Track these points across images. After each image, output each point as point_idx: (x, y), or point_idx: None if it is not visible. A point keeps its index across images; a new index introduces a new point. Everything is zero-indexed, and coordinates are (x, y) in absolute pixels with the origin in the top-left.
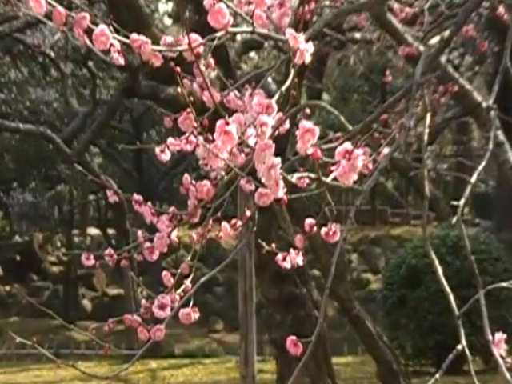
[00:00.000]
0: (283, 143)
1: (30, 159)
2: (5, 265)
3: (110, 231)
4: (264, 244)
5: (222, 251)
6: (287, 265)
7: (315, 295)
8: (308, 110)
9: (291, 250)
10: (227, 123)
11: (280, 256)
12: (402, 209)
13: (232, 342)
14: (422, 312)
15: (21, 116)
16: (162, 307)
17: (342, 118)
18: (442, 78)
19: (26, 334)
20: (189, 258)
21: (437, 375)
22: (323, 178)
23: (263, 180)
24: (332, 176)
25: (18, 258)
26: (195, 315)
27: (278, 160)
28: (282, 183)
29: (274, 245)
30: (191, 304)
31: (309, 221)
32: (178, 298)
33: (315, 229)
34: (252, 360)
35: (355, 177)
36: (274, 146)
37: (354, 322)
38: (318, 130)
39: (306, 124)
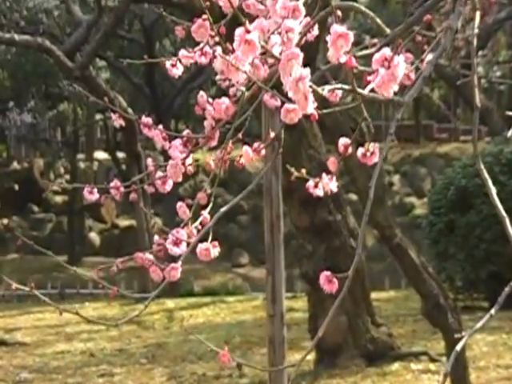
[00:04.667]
0: (312, 51)
1: (28, 75)
2: (2, 195)
3: (120, 155)
4: (293, 169)
5: (247, 175)
6: (319, 192)
7: (351, 222)
8: (340, 13)
9: (324, 175)
10: (248, 31)
11: (311, 182)
12: (449, 123)
13: (258, 277)
14: (473, 239)
15: (17, 26)
16: (177, 243)
17: (380, 21)
18: None
19: (26, 273)
20: (207, 185)
21: (492, 311)
22: (359, 90)
23: (290, 94)
24: (369, 87)
25: (17, 187)
26: (215, 250)
27: (306, 71)
28: (311, 97)
29: (304, 170)
30: (210, 238)
31: (343, 140)
32: (195, 231)
33: (350, 149)
34: (280, 297)
35: (395, 87)
36: (301, 55)
37: (396, 252)
38: (352, 36)
39: (338, 29)
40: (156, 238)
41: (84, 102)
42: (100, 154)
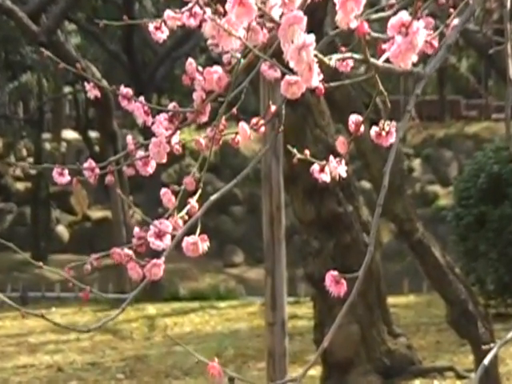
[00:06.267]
0: (319, 14)
1: None
2: None
3: (93, 134)
4: (295, 151)
5: (241, 159)
6: (326, 177)
7: (364, 215)
8: None
9: (331, 157)
10: None
11: (317, 166)
12: (479, 99)
13: (255, 278)
14: (508, 235)
15: None
16: (160, 236)
17: None
18: None
19: None
20: (196, 169)
21: None
22: (372, 60)
23: (291, 64)
24: (384, 57)
25: None
26: (204, 245)
27: (310, 37)
28: (316, 68)
29: (308, 151)
30: (199, 230)
31: (354, 117)
32: (180, 222)
33: (363, 127)
34: (281, 302)
35: (414, 58)
36: (305, 18)
37: (417, 249)
38: None
39: None
40: (136, 229)
41: (50, 72)
42: (69, 134)
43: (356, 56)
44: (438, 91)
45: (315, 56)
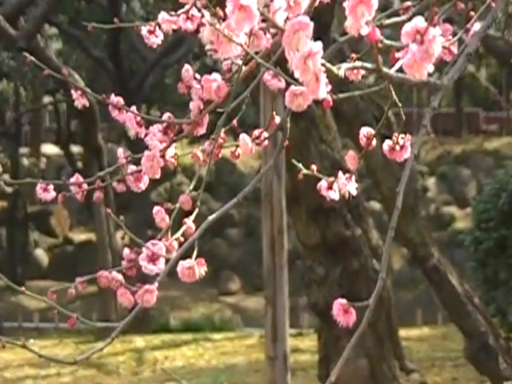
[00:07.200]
0: (326, 18)
1: None
2: None
3: (75, 149)
4: (300, 165)
5: (238, 177)
6: (334, 195)
7: (374, 238)
8: None
9: (340, 174)
10: None
11: (324, 182)
12: (500, 111)
13: (253, 308)
14: None
15: None
16: (153, 259)
17: None
18: None
19: None
20: (191, 188)
21: None
22: (385, 70)
23: (297, 74)
24: (397, 65)
25: None
26: (202, 270)
27: (318, 45)
28: (324, 78)
29: (314, 166)
30: (195, 254)
31: (365, 130)
32: (175, 245)
33: (374, 142)
34: (283, 334)
35: (431, 67)
36: (311, 24)
37: (432, 276)
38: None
39: None
40: (126, 251)
41: (29, 80)
42: (49, 148)
43: (367, 65)
44: (454, 103)
45: (322, 65)
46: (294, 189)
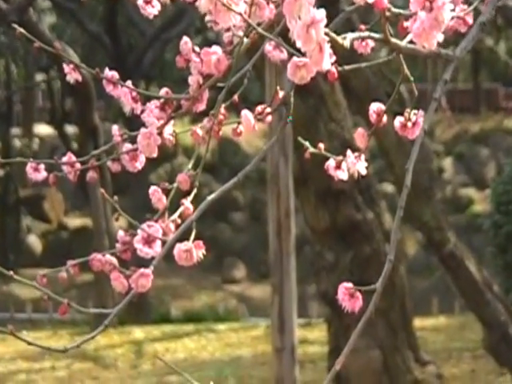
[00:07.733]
0: None
1: None
2: None
3: (70, 129)
4: (307, 143)
5: (242, 157)
6: (343, 175)
7: (387, 222)
8: None
9: (349, 153)
10: None
11: (332, 161)
12: None
13: (259, 297)
14: None
15: None
16: (149, 242)
17: None
18: None
19: None
20: (190, 167)
21: None
22: (394, 40)
23: (298, 44)
24: (409, 37)
25: None
26: (200, 252)
27: (321, 13)
28: (328, 48)
29: (322, 144)
30: (193, 235)
31: (375, 106)
32: (172, 227)
33: (385, 118)
34: (291, 324)
35: (441, 36)
36: None
37: (449, 263)
38: None
39: None
40: (121, 233)
41: (20, 56)
42: (42, 128)
43: (375, 35)
44: (472, 78)
45: (326, 35)
46: (302, 170)
